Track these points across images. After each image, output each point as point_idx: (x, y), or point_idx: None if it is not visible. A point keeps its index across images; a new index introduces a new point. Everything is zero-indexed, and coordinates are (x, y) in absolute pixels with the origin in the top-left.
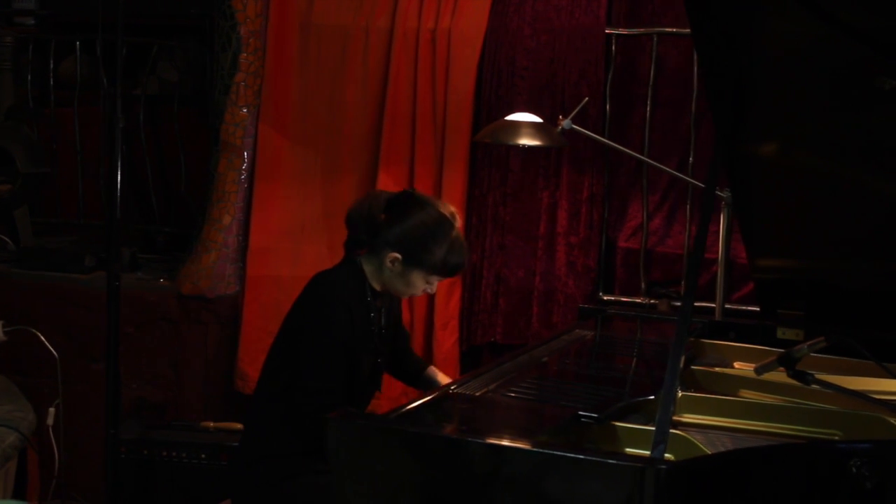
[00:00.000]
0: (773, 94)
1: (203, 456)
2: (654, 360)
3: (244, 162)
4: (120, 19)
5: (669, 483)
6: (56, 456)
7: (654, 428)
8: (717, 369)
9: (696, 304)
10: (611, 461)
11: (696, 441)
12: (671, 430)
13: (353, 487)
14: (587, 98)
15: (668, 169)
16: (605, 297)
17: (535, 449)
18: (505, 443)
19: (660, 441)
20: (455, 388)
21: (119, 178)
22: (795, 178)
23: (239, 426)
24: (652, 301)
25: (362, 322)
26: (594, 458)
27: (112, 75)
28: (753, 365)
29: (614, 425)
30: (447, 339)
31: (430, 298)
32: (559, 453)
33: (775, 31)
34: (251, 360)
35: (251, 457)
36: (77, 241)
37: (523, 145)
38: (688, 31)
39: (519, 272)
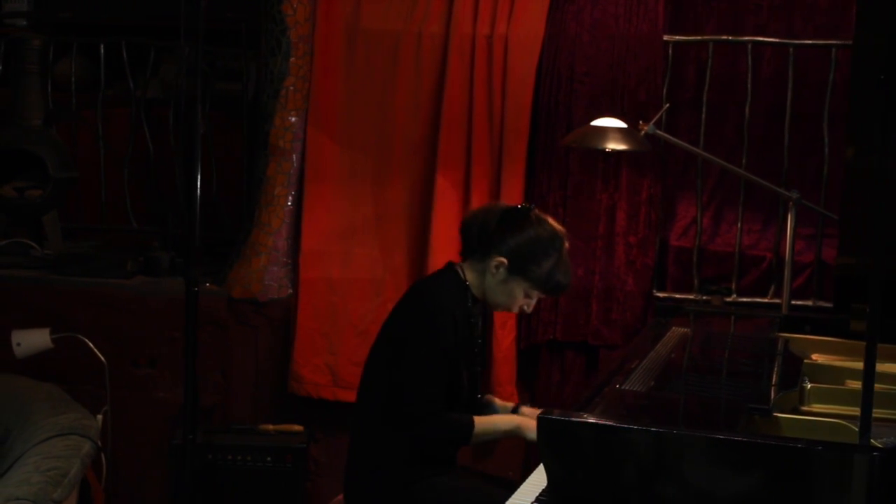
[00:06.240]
0: None
1: (269, 459)
2: (764, 353)
3: (293, 165)
4: (201, 25)
5: (883, 468)
6: (104, 463)
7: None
8: (819, 361)
9: (752, 299)
10: (820, 448)
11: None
12: (832, 421)
13: (564, 483)
14: (668, 104)
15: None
16: (659, 294)
17: (752, 440)
18: (722, 436)
19: (866, 429)
20: (619, 386)
21: (199, 184)
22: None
23: (299, 428)
24: (704, 297)
25: (464, 329)
26: (809, 447)
27: (193, 82)
28: (831, 357)
29: (777, 417)
30: (506, 338)
31: None
32: (781, 444)
33: None
34: (305, 363)
35: (367, 466)
36: (102, 245)
37: (611, 150)
38: (738, 38)
39: (579, 271)
